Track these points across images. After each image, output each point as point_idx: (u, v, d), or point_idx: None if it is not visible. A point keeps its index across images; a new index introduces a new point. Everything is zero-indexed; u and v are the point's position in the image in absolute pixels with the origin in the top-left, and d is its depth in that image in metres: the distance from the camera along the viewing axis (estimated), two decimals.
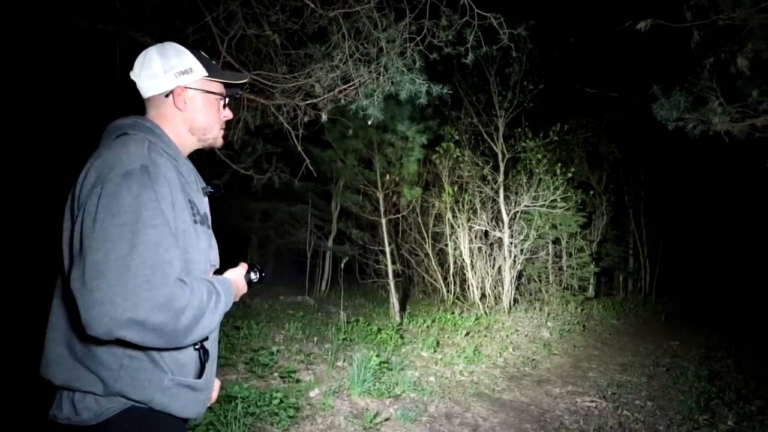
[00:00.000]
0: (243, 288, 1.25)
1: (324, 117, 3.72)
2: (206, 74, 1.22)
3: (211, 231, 1.25)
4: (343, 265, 6.75)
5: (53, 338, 1.07)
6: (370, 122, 3.76)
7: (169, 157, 1.14)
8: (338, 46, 3.31)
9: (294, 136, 3.81)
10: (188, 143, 1.25)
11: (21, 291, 4.19)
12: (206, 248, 1.18)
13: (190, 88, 1.21)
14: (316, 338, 5.22)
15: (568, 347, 5.73)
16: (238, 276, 1.24)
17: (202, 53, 1.26)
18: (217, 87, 1.26)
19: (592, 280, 8.83)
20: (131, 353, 1.02)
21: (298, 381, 3.87)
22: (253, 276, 1.29)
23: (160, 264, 0.96)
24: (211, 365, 1.19)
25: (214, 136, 1.28)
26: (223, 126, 1.30)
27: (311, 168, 4.15)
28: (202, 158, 1.33)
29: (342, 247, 8.59)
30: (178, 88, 1.20)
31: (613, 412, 3.72)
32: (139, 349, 1.01)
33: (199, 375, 1.14)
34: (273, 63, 3.57)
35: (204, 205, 1.24)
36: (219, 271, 1.23)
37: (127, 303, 0.91)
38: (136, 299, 0.92)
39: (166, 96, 1.20)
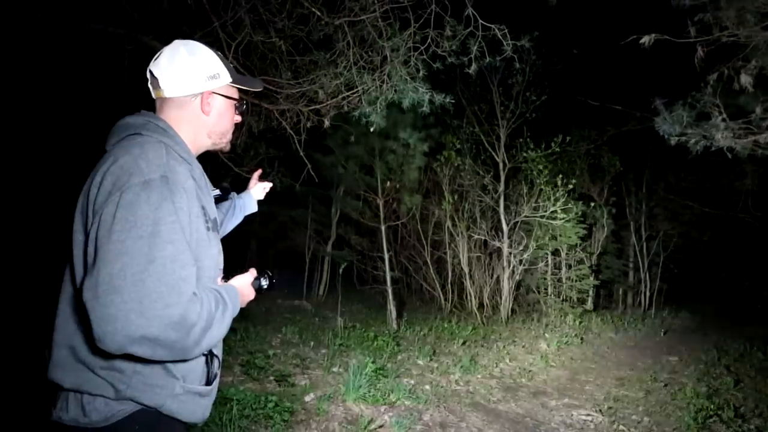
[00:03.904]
0: (249, 295, 1.24)
1: (327, 123, 3.75)
2: (230, 80, 1.22)
3: (218, 235, 1.24)
4: (341, 270, 6.75)
5: (59, 342, 1.06)
6: (372, 129, 3.78)
7: (184, 161, 1.12)
8: (343, 54, 3.35)
9: (296, 141, 3.84)
10: (202, 146, 1.24)
11: (25, 291, 4.19)
12: (217, 255, 1.17)
13: (217, 94, 1.20)
14: (312, 343, 5.20)
15: (566, 359, 5.70)
16: (244, 283, 1.23)
17: (221, 55, 1.25)
18: (237, 92, 1.27)
19: (591, 293, 8.80)
20: (145, 360, 1.00)
21: (293, 385, 3.86)
22: (264, 283, 1.27)
23: (176, 281, 0.95)
24: (219, 371, 1.19)
25: (228, 141, 1.29)
26: (234, 130, 1.31)
27: (312, 173, 4.18)
28: (204, 161, 1.35)
29: (341, 252, 8.59)
30: (207, 93, 1.18)
31: (609, 426, 3.69)
32: None
33: (209, 382, 1.14)
34: (278, 69, 3.61)
35: (214, 209, 1.23)
36: (226, 277, 1.22)
37: (142, 320, 0.90)
38: (150, 316, 0.91)
39: (193, 98, 1.18)
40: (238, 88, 1.27)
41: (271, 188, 1.91)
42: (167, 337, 0.93)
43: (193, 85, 1.16)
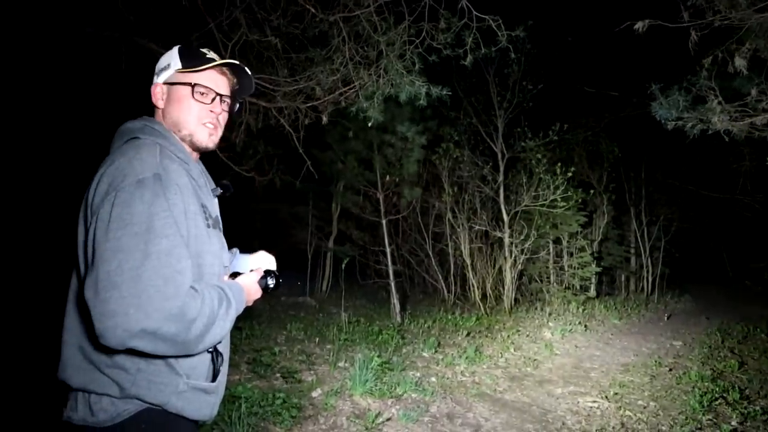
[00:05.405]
0: (255, 293, 1.25)
1: (324, 119, 3.75)
2: (179, 67, 1.18)
3: (221, 233, 1.25)
4: (344, 265, 6.78)
5: (68, 341, 1.09)
6: (370, 124, 3.79)
7: (180, 161, 1.14)
8: (338, 50, 3.35)
9: (295, 138, 3.85)
10: (185, 142, 1.21)
11: (37, 291, 4.23)
12: (219, 252, 1.19)
13: (167, 84, 1.20)
14: (317, 339, 5.24)
15: (570, 347, 5.74)
16: (250, 281, 1.24)
17: (194, 49, 1.22)
18: (191, 78, 1.17)
19: (593, 280, 8.82)
20: (148, 357, 1.03)
21: (300, 381, 3.90)
22: (270, 282, 1.28)
23: (173, 274, 0.97)
24: (224, 368, 1.20)
25: (190, 132, 1.18)
26: (211, 122, 1.19)
27: (312, 169, 4.19)
28: (204, 161, 1.36)
29: (343, 247, 8.62)
30: (155, 86, 1.21)
31: (615, 412, 3.73)
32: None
33: (213, 378, 1.15)
34: (275, 67, 3.62)
35: (215, 207, 1.25)
36: (233, 275, 1.23)
37: (140, 314, 0.92)
38: (149, 310, 0.93)
39: (154, 97, 1.22)
40: (195, 71, 1.17)
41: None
42: (167, 330, 0.94)
43: (153, 85, 1.21)
